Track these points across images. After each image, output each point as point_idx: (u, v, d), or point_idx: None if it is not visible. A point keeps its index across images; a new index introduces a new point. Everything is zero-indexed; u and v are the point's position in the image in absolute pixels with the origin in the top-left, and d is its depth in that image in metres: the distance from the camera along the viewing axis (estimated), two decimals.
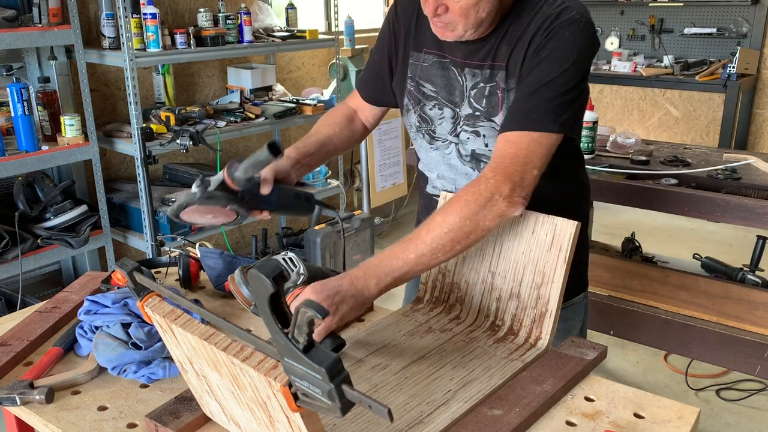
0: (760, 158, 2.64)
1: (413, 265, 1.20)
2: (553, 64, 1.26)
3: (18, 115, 2.71)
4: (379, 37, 1.55)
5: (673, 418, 1.09)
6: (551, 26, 1.27)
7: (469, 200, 1.20)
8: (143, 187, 2.93)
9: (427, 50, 1.45)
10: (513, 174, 1.22)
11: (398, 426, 1.05)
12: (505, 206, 1.20)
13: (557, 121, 1.26)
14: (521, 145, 1.24)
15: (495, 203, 1.20)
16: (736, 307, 2.34)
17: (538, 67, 1.28)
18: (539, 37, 1.28)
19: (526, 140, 1.25)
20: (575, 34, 1.27)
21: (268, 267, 0.79)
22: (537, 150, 1.25)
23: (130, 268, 1.02)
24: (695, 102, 5.35)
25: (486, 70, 1.36)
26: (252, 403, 0.91)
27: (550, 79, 1.26)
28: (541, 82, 1.27)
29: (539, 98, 1.26)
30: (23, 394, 1.14)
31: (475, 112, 1.38)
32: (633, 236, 2.82)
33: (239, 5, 3.63)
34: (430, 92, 1.44)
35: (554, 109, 1.26)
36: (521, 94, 1.29)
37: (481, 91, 1.37)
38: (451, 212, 1.20)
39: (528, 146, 1.24)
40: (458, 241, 1.20)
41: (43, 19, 2.76)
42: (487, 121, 1.37)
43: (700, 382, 3.04)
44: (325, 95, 4.13)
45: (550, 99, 1.26)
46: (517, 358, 1.23)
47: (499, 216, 1.21)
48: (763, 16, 4.96)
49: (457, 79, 1.40)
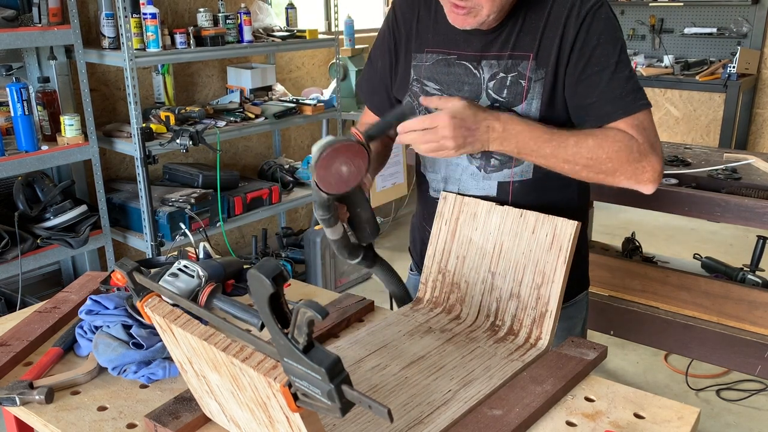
0: (761, 158, 2.63)
1: (544, 154, 1.27)
2: (607, 48, 1.28)
3: (18, 115, 2.70)
4: (379, 42, 1.53)
5: (674, 419, 1.09)
6: (582, 13, 1.28)
7: (621, 148, 1.25)
8: (143, 187, 2.93)
9: (429, 49, 1.44)
10: (659, 150, 1.28)
11: (398, 426, 1.05)
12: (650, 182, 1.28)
13: (643, 97, 1.30)
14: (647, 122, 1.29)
15: (643, 171, 1.27)
16: (737, 307, 2.34)
17: (593, 56, 1.28)
18: (573, 27, 1.29)
19: (637, 124, 1.28)
20: (609, 14, 1.30)
21: (268, 267, 0.79)
22: (652, 127, 1.30)
23: (129, 268, 1.02)
24: (695, 102, 5.35)
25: (506, 60, 1.35)
26: (252, 404, 0.91)
27: (615, 61, 1.28)
28: (610, 67, 1.28)
29: (618, 83, 1.28)
30: (23, 395, 1.14)
31: (494, 103, 1.37)
32: (633, 236, 2.82)
33: (239, 5, 3.62)
34: (433, 91, 1.43)
35: (634, 87, 1.29)
36: (598, 85, 1.29)
37: (501, 82, 1.35)
38: (603, 146, 1.26)
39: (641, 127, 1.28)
40: (591, 170, 1.27)
41: (43, 19, 2.76)
42: (508, 111, 1.36)
43: (700, 382, 3.04)
44: (325, 95, 4.13)
45: (626, 79, 1.29)
46: (517, 358, 1.23)
47: (636, 183, 1.28)
48: (764, 16, 4.96)
49: (471, 74, 1.38)
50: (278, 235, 4.09)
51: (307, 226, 4.62)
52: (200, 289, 1.23)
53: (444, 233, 1.42)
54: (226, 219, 3.39)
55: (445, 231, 1.42)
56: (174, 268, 1.25)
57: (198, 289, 1.23)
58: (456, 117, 1.23)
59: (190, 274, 1.24)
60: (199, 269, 1.25)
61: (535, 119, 1.32)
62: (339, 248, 1.36)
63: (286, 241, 4.01)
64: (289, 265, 3.72)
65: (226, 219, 3.38)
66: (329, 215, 1.27)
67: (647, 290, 2.51)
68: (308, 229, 3.81)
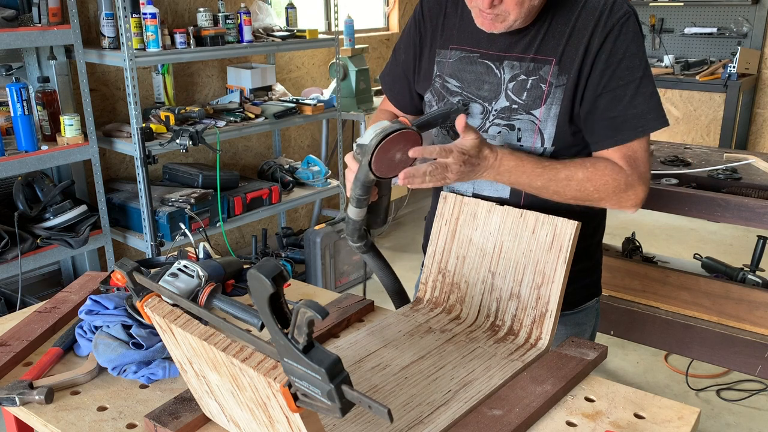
0: (761, 158, 2.63)
1: (536, 187, 1.32)
2: (634, 61, 1.29)
3: (17, 115, 2.70)
4: (405, 36, 1.54)
5: (674, 419, 1.09)
6: (609, 23, 1.29)
7: (608, 182, 1.30)
8: (143, 187, 2.93)
9: (453, 46, 1.43)
10: (647, 180, 1.33)
11: (398, 426, 1.05)
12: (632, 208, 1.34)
13: (663, 115, 1.33)
14: (644, 146, 1.33)
15: (628, 199, 1.32)
16: (737, 307, 2.34)
17: (618, 68, 1.29)
18: (599, 36, 1.29)
19: (645, 141, 1.32)
20: (636, 27, 1.31)
21: (268, 267, 0.79)
22: (645, 156, 1.33)
23: (129, 268, 1.02)
24: (696, 102, 5.35)
25: (528, 63, 1.34)
26: (252, 404, 0.91)
27: (640, 76, 1.29)
28: (635, 81, 1.29)
29: (643, 98, 1.30)
30: (23, 395, 1.14)
31: (512, 105, 1.36)
32: (633, 236, 2.82)
33: (239, 5, 3.62)
34: (454, 88, 1.43)
35: (657, 103, 1.32)
36: (621, 99, 1.30)
37: (522, 84, 1.35)
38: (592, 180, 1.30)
39: (647, 147, 1.33)
40: (578, 201, 1.33)
41: (43, 19, 2.76)
42: (526, 114, 1.35)
43: (700, 382, 3.04)
44: (325, 95, 4.13)
45: (651, 95, 1.30)
46: (517, 358, 1.23)
47: (620, 208, 1.34)
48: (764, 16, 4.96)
49: (492, 73, 1.38)
50: (278, 235, 4.09)
51: (307, 226, 4.63)
52: (200, 289, 1.23)
53: (444, 233, 1.42)
54: (226, 219, 3.39)
55: (445, 231, 1.42)
56: (174, 268, 1.25)
57: (198, 289, 1.23)
58: (465, 154, 1.24)
59: (190, 274, 1.25)
60: (199, 269, 1.25)
61: (553, 126, 1.33)
62: (353, 229, 1.40)
63: (286, 241, 4.01)
64: (289, 265, 3.72)
65: (226, 219, 3.38)
66: (366, 196, 1.32)
67: (647, 290, 2.50)
68: (308, 229, 3.81)
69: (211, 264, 1.36)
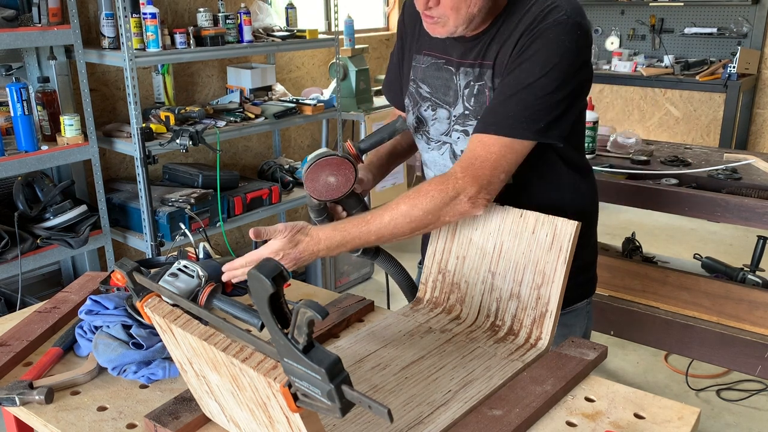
0: (761, 158, 2.63)
1: (371, 242, 1.30)
2: (534, 67, 1.24)
3: (17, 115, 2.70)
4: (396, 39, 1.58)
5: (674, 419, 1.09)
6: (537, 27, 1.25)
7: (435, 196, 1.25)
8: (143, 187, 2.93)
9: (426, 52, 1.45)
10: (481, 177, 1.25)
11: (398, 426, 1.05)
12: (469, 206, 1.26)
13: (531, 129, 1.25)
14: (493, 149, 1.26)
15: (459, 202, 1.26)
16: (737, 307, 2.34)
17: (518, 68, 1.26)
18: (525, 38, 1.26)
19: (499, 144, 1.26)
20: (560, 36, 1.23)
21: (268, 267, 0.79)
22: (507, 155, 1.26)
23: (129, 268, 1.02)
24: (696, 102, 5.35)
25: (476, 69, 1.35)
26: (252, 404, 0.91)
27: (530, 82, 1.24)
28: (520, 84, 1.25)
29: (517, 102, 1.25)
30: (23, 395, 1.14)
31: (465, 111, 1.38)
32: (633, 236, 2.82)
33: (239, 5, 3.62)
34: (425, 93, 1.46)
35: (530, 115, 1.25)
36: (499, 95, 1.28)
37: (472, 90, 1.36)
38: (417, 205, 1.26)
39: (499, 151, 1.26)
40: (418, 230, 1.29)
41: (43, 19, 2.75)
42: (476, 120, 1.36)
43: (700, 382, 3.04)
44: (325, 95, 4.13)
45: (527, 104, 1.24)
46: (517, 358, 1.23)
47: (460, 214, 1.28)
48: (764, 16, 4.96)
49: (453, 79, 1.40)
50: None
51: None
52: (200, 289, 1.23)
53: (444, 233, 1.42)
54: (226, 219, 3.38)
55: (445, 231, 1.42)
56: (174, 268, 1.25)
57: (198, 289, 1.23)
58: (281, 251, 1.26)
59: (190, 274, 1.25)
60: (198, 269, 1.25)
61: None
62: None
63: None
64: None
65: (226, 219, 3.37)
66: (322, 217, 1.45)
67: (647, 290, 2.50)
68: None
69: (211, 264, 1.36)
